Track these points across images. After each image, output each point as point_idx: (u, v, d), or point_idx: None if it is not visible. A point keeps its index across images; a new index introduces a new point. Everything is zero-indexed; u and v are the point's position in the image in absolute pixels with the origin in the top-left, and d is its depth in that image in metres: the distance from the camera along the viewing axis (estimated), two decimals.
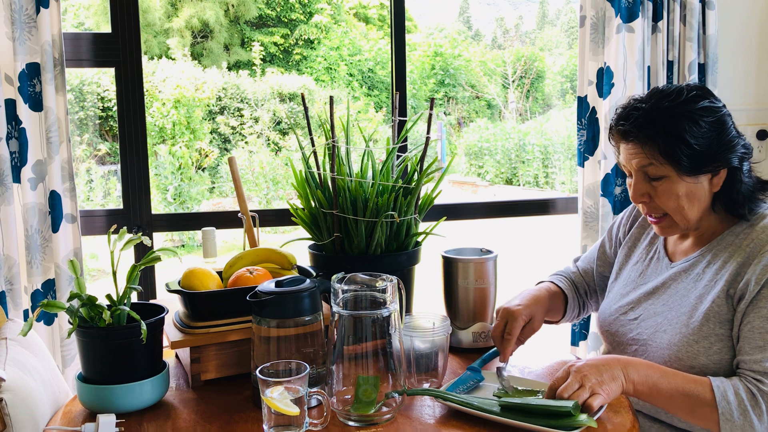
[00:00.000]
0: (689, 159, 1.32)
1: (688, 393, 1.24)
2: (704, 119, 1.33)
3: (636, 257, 1.56)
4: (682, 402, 1.25)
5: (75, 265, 1.32)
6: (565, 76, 13.56)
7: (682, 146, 1.32)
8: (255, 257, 1.56)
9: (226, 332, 1.37)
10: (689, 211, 1.37)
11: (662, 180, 1.36)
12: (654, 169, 1.36)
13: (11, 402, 1.18)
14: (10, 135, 1.94)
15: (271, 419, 1.14)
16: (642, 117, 1.35)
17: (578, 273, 1.71)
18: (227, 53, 12.19)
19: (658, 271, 1.48)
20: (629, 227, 1.63)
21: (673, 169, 1.34)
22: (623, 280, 1.56)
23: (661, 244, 1.52)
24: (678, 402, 1.25)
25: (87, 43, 2.13)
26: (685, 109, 1.33)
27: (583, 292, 1.70)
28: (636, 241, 1.59)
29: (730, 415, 1.22)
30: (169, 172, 8.29)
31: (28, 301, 2.01)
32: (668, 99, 1.35)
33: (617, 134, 1.41)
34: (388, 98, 9.58)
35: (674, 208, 1.37)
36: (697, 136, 1.32)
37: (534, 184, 10.78)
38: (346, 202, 1.60)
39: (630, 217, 1.64)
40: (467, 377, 1.37)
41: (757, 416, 1.22)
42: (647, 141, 1.35)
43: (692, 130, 1.32)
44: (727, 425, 1.22)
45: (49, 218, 1.99)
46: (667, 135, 1.32)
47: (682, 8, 2.33)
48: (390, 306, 1.21)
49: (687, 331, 1.34)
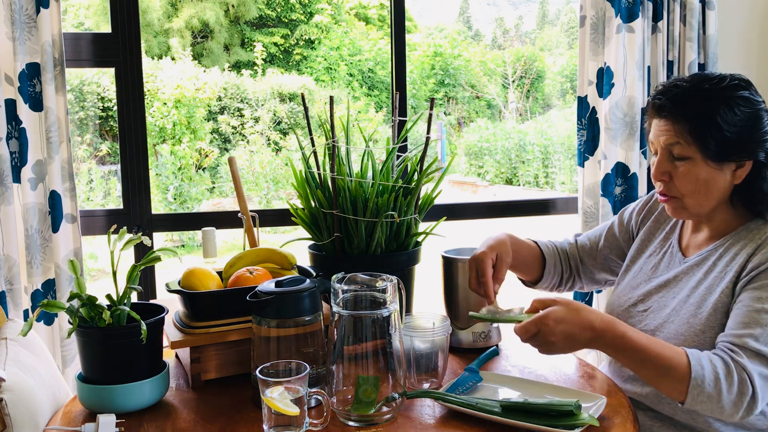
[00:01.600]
0: (717, 144, 1.32)
1: (661, 355, 1.23)
2: (740, 108, 1.33)
3: (650, 250, 1.56)
4: (655, 364, 1.23)
5: (75, 265, 1.32)
6: (565, 76, 13.56)
7: (713, 129, 1.32)
8: (255, 257, 1.56)
9: (226, 332, 1.37)
10: (704, 198, 1.37)
11: (685, 161, 1.35)
12: (680, 149, 1.35)
13: (11, 402, 1.18)
14: (10, 135, 1.94)
15: (271, 419, 1.14)
16: (680, 94, 1.36)
17: (574, 246, 1.70)
18: (227, 53, 12.19)
19: (671, 265, 1.48)
20: (643, 219, 1.61)
21: (698, 150, 1.34)
22: (635, 272, 1.56)
23: (675, 239, 1.52)
24: (649, 365, 1.23)
25: (87, 43, 2.13)
26: (724, 95, 1.33)
27: (574, 265, 1.68)
28: (651, 235, 1.58)
29: (702, 380, 1.20)
30: (169, 172, 8.29)
31: (28, 301, 2.01)
32: (709, 82, 1.36)
33: (652, 108, 1.41)
34: (388, 98, 9.59)
35: (691, 191, 1.37)
36: (729, 122, 1.32)
37: (534, 184, 10.78)
38: (346, 202, 1.60)
39: (645, 208, 1.62)
40: (466, 378, 1.37)
41: (728, 386, 1.21)
42: (679, 118, 1.34)
43: (726, 116, 1.31)
44: (695, 391, 1.20)
45: (49, 218, 1.99)
46: (700, 115, 1.32)
47: (682, 8, 2.33)
48: (390, 306, 1.21)
49: (695, 321, 1.35)
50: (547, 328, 1.23)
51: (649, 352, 1.23)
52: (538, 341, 1.25)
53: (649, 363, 1.23)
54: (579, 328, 1.23)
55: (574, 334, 1.23)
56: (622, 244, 1.64)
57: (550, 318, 1.23)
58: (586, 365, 1.53)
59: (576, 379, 1.44)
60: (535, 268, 1.65)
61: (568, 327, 1.23)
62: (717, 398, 1.21)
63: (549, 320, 1.23)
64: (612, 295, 1.60)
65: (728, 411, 1.22)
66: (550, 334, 1.23)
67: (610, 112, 2.32)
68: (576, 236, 1.73)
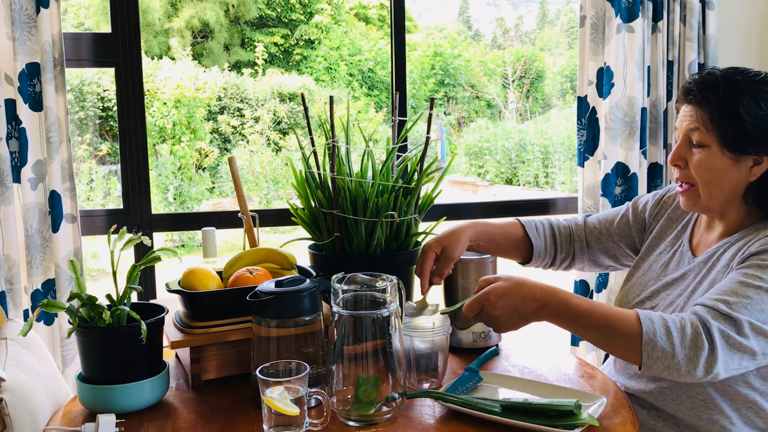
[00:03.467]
0: (736, 134, 1.32)
1: (608, 316, 1.22)
2: (766, 102, 1.32)
3: (661, 248, 1.55)
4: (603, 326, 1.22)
5: (75, 265, 1.32)
6: (565, 76, 13.55)
7: (734, 119, 1.32)
8: (255, 257, 1.56)
9: (226, 332, 1.37)
10: (717, 190, 1.37)
11: (703, 148, 1.36)
12: (699, 135, 1.35)
13: (11, 402, 1.18)
14: (10, 135, 1.94)
15: (271, 419, 1.14)
16: (709, 81, 1.36)
17: (582, 227, 1.67)
18: (227, 53, 12.19)
19: (681, 264, 1.48)
20: (658, 214, 1.60)
21: (716, 139, 1.34)
22: (644, 269, 1.56)
23: (686, 238, 1.51)
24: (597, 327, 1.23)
25: (87, 43, 2.13)
26: (752, 87, 1.33)
27: (578, 246, 1.67)
28: (663, 233, 1.57)
29: (654, 333, 1.18)
30: (169, 172, 8.28)
31: (28, 301, 2.01)
32: (742, 75, 1.36)
33: (682, 92, 1.41)
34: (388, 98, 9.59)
35: (705, 180, 1.37)
36: (752, 115, 1.31)
37: (534, 184, 10.77)
38: (346, 202, 1.60)
39: (659, 203, 1.61)
40: (466, 378, 1.37)
41: (680, 338, 1.18)
42: (703, 104, 1.35)
43: (750, 107, 1.31)
44: (648, 347, 1.18)
45: (49, 218, 1.99)
46: (723, 103, 1.33)
47: (682, 8, 2.33)
48: (390, 306, 1.21)
49: None
50: (489, 303, 1.27)
51: (595, 314, 1.23)
52: (483, 317, 1.29)
53: (596, 325, 1.23)
54: (521, 300, 1.26)
55: (517, 306, 1.26)
56: (634, 234, 1.63)
57: (491, 294, 1.27)
58: (586, 365, 1.53)
59: (576, 379, 1.44)
60: (519, 251, 1.65)
61: (511, 300, 1.26)
62: (671, 352, 1.17)
63: (491, 296, 1.27)
64: (621, 291, 1.60)
65: (684, 367, 1.18)
66: (492, 308, 1.27)
67: (610, 112, 2.32)
68: (585, 216, 1.71)
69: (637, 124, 2.32)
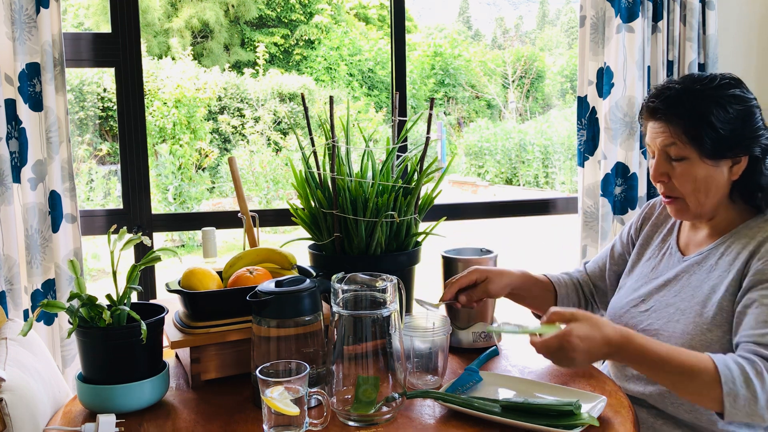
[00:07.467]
0: (712, 142, 1.34)
1: (684, 362, 1.21)
2: (732, 106, 1.35)
3: (648, 254, 1.57)
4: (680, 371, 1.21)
5: (75, 265, 1.32)
6: (565, 76, 13.56)
7: (707, 128, 1.33)
8: (255, 257, 1.56)
9: (226, 332, 1.37)
10: (705, 197, 1.38)
11: (683, 161, 1.37)
12: (676, 150, 1.37)
13: (11, 402, 1.18)
14: (10, 135, 1.94)
15: (271, 419, 1.14)
16: (672, 96, 1.38)
17: (585, 273, 1.72)
18: (227, 53, 12.19)
19: (671, 265, 1.49)
20: (641, 226, 1.63)
21: (695, 150, 1.35)
22: (635, 276, 1.57)
23: (674, 240, 1.53)
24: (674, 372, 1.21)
25: (87, 43, 2.13)
26: (715, 94, 1.35)
27: (588, 293, 1.70)
28: (649, 239, 1.59)
29: (733, 382, 1.18)
30: (169, 171, 8.28)
31: (28, 301, 2.01)
32: (700, 83, 1.38)
33: (647, 111, 1.43)
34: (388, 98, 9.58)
35: (690, 191, 1.38)
36: (723, 120, 1.33)
37: (534, 184, 10.77)
38: (346, 202, 1.60)
39: (641, 217, 1.65)
40: (466, 378, 1.37)
41: (761, 384, 1.18)
42: (674, 119, 1.36)
43: (719, 114, 1.33)
44: (730, 397, 1.17)
45: (49, 218, 1.99)
46: (693, 115, 1.34)
47: (682, 8, 2.33)
48: (390, 306, 1.21)
49: (701, 320, 1.35)
50: (570, 345, 1.21)
51: (672, 361, 1.21)
52: (558, 357, 1.23)
53: (673, 371, 1.21)
54: (599, 345, 1.22)
55: (595, 351, 1.22)
56: (627, 259, 1.65)
57: (573, 336, 1.21)
58: None
59: (576, 379, 1.44)
60: (548, 303, 1.65)
61: (591, 344, 1.21)
62: (753, 399, 1.17)
63: (572, 337, 1.21)
64: (614, 299, 1.60)
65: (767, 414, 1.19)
66: (572, 351, 1.21)
67: (610, 112, 2.32)
68: (584, 264, 1.75)
69: (637, 124, 2.32)
